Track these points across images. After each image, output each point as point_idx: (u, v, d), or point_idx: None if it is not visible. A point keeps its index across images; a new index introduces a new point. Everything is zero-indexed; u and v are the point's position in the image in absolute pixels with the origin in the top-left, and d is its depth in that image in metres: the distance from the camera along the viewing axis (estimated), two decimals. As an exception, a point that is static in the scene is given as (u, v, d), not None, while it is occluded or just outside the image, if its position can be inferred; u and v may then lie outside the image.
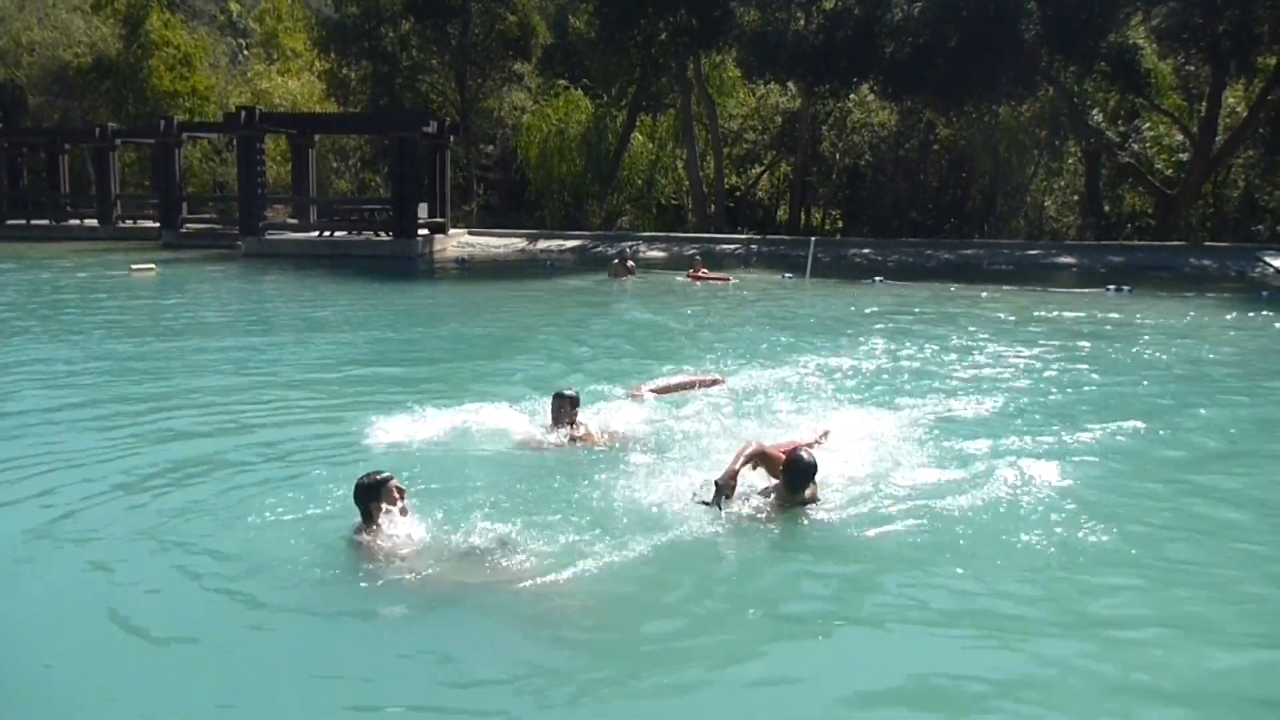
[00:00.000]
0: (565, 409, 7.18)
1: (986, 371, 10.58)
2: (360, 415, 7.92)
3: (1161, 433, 8.03)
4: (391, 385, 9.75)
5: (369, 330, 13.75)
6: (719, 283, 20.83)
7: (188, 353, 11.58)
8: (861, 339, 12.67)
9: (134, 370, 10.39)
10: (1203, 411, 8.95)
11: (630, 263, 22.48)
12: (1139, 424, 8.18)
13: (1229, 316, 16.24)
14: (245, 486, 6.34)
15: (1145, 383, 10.28)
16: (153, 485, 6.38)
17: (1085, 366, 11.08)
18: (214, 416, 8.37)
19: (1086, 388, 9.94)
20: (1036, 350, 11.98)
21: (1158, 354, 12.29)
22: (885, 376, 10.19)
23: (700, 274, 21.30)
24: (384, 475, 5.38)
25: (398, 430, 7.39)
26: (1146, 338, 13.70)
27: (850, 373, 10.30)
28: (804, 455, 5.87)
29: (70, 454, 7.02)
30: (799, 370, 10.16)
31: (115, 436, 7.58)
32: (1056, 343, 12.73)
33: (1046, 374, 10.49)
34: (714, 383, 8.61)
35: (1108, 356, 11.87)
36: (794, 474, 5.81)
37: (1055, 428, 8.07)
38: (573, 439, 7.08)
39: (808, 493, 5.86)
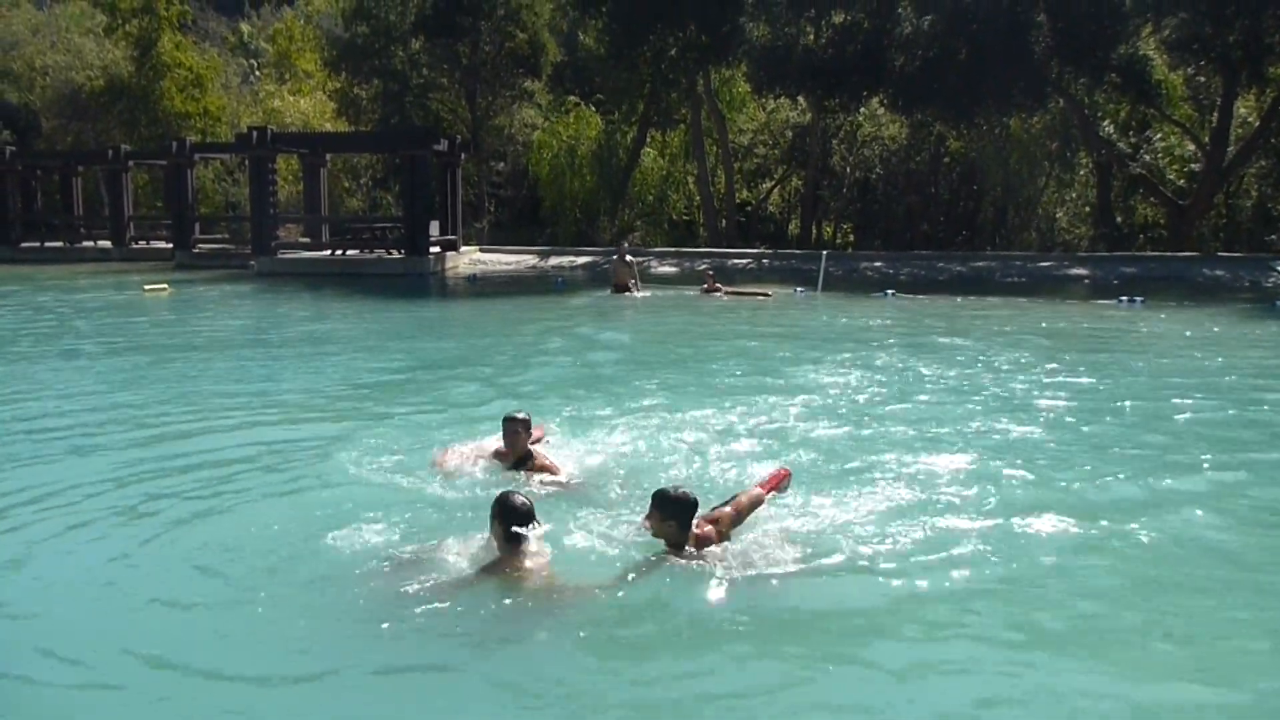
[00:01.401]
0: (516, 433, 6.74)
1: (1000, 388, 10.47)
2: (362, 433, 7.92)
3: (1187, 452, 7.89)
4: (394, 403, 9.72)
5: (378, 348, 13.73)
6: (749, 298, 20.55)
7: (198, 370, 11.59)
8: (874, 354, 12.59)
9: (144, 388, 10.38)
10: (1226, 428, 8.85)
11: (629, 257, 22.04)
12: (1161, 442, 8.09)
13: (1244, 327, 16.12)
14: (247, 503, 6.33)
15: (1164, 396, 10.15)
16: (152, 502, 6.35)
17: (1102, 380, 10.98)
18: (219, 426, 8.40)
19: (1104, 403, 9.83)
20: (1051, 365, 11.86)
21: (1174, 366, 12.17)
22: (897, 395, 10.09)
23: (720, 287, 21.08)
24: (527, 504, 5.03)
25: (394, 449, 7.37)
26: (1161, 349, 13.60)
27: (863, 391, 10.24)
28: (670, 488, 5.30)
29: (80, 471, 6.98)
30: (817, 394, 10.07)
31: (123, 454, 7.53)
32: (1071, 356, 12.62)
33: (1061, 388, 10.38)
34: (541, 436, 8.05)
35: (1123, 369, 11.76)
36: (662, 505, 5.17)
37: (1072, 443, 7.99)
38: (528, 468, 6.68)
39: (690, 539, 5.18)
